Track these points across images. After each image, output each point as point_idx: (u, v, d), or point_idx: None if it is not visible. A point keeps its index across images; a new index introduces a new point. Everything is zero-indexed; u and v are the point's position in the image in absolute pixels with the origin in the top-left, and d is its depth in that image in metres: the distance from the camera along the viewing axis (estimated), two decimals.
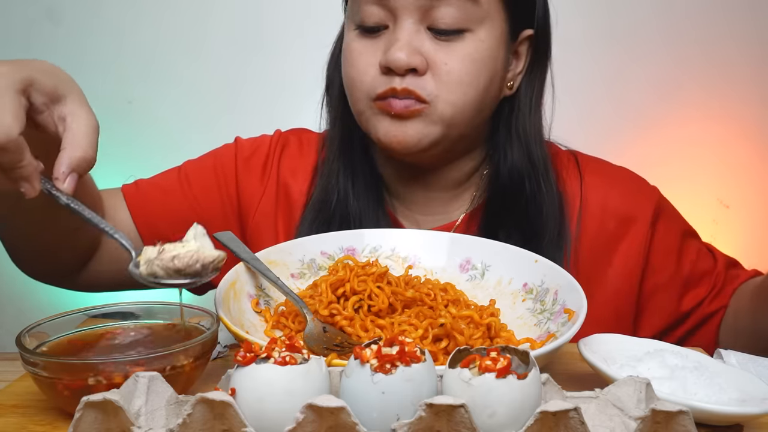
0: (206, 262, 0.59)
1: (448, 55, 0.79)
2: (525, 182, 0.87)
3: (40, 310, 0.89)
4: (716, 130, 1.76)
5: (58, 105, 0.59)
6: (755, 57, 1.74)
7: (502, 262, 0.76)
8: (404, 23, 0.79)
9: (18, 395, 0.59)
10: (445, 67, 0.79)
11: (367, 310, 0.68)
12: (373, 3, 0.80)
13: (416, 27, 0.79)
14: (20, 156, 0.55)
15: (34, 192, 0.58)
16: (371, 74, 0.81)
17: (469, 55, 0.80)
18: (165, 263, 0.58)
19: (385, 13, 0.80)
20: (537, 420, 0.44)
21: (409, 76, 0.79)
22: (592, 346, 0.61)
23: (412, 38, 0.79)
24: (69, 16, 1.69)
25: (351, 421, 0.43)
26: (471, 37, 0.80)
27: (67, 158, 0.58)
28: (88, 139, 0.59)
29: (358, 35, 0.83)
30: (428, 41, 0.79)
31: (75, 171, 0.58)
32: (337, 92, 0.91)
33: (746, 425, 0.55)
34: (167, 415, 0.48)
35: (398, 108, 0.79)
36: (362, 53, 0.82)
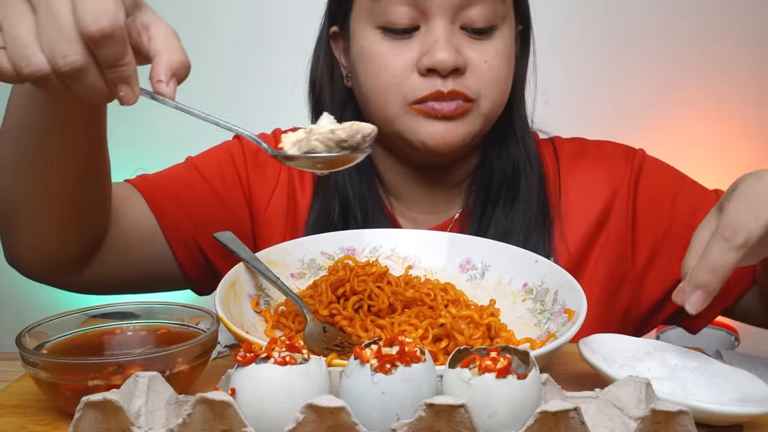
0: (365, 133, 0.56)
1: (486, 53, 0.81)
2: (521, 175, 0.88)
3: (40, 310, 0.88)
4: (716, 130, 1.76)
5: (140, 12, 0.55)
6: (754, 57, 1.74)
7: (502, 262, 0.76)
8: (438, 23, 0.78)
9: (18, 395, 0.59)
10: (485, 65, 0.80)
11: (367, 310, 0.68)
12: (403, 3, 0.79)
13: (450, 27, 0.79)
14: (124, 49, 0.50)
15: (134, 97, 0.53)
16: (409, 77, 0.80)
17: (502, 52, 0.82)
18: (325, 136, 0.55)
19: (416, 13, 0.79)
20: (537, 420, 0.44)
21: (452, 76, 0.79)
22: (592, 346, 0.61)
23: (451, 38, 0.79)
24: None
25: (351, 421, 0.43)
26: (499, 35, 0.82)
27: (167, 61, 0.53)
28: (181, 45, 0.55)
29: (383, 37, 0.81)
30: (463, 41, 0.80)
31: (175, 76, 0.54)
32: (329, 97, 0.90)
33: (746, 425, 0.55)
34: (167, 415, 0.48)
35: (448, 110, 0.79)
36: (395, 55, 0.80)
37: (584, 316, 0.62)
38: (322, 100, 0.92)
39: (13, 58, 0.49)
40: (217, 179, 0.92)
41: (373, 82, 0.83)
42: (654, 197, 0.89)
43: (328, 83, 0.91)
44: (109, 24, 0.48)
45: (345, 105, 0.91)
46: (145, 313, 0.65)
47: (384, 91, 0.82)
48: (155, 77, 0.53)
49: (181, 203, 0.89)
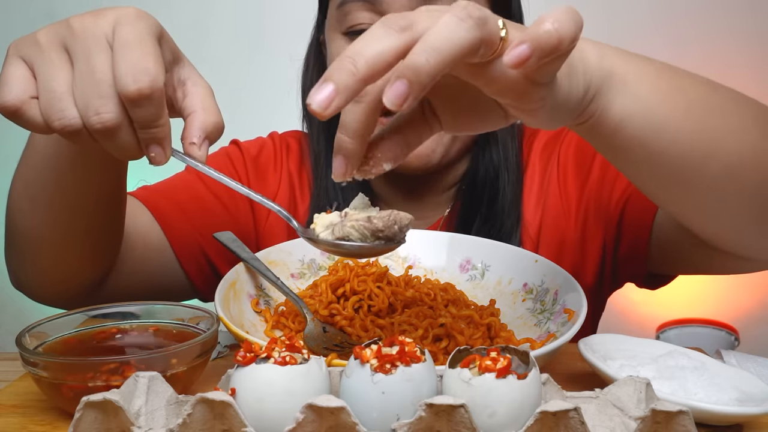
0: (403, 224, 0.53)
1: None
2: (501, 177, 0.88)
3: (40, 310, 0.88)
4: None
5: (178, 66, 0.53)
6: (754, 57, 1.74)
7: (502, 262, 0.76)
8: None
9: (18, 395, 0.59)
10: None
11: (367, 310, 0.68)
12: (363, 9, 0.78)
13: None
14: (161, 111, 0.49)
15: (165, 158, 0.51)
16: None
17: None
18: (360, 224, 0.52)
19: (377, 17, 0.78)
20: (537, 420, 0.44)
21: None
22: (592, 346, 0.61)
23: None
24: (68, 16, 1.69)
25: (351, 421, 0.43)
26: None
27: (201, 122, 0.52)
28: (216, 106, 0.53)
29: (347, 42, 0.81)
30: None
31: (208, 138, 0.52)
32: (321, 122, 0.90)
33: (746, 425, 0.55)
34: (167, 415, 0.48)
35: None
36: None
37: (584, 316, 0.62)
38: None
39: (45, 109, 0.48)
40: (220, 187, 0.91)
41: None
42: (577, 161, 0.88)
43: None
44: (148, 85, 0.46)
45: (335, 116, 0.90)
46: (145, 313, 0.65)
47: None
48: (188, 138, 0.52)
49: (186, 214, 0.88)
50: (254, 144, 0.98)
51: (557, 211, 0.88)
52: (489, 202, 0.87)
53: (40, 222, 0.70)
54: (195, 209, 0.89)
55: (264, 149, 0.97)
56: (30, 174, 0.69)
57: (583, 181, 0.87)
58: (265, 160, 0.96)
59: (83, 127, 0.48)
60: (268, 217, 0.92)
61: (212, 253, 0.89)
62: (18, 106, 0.48)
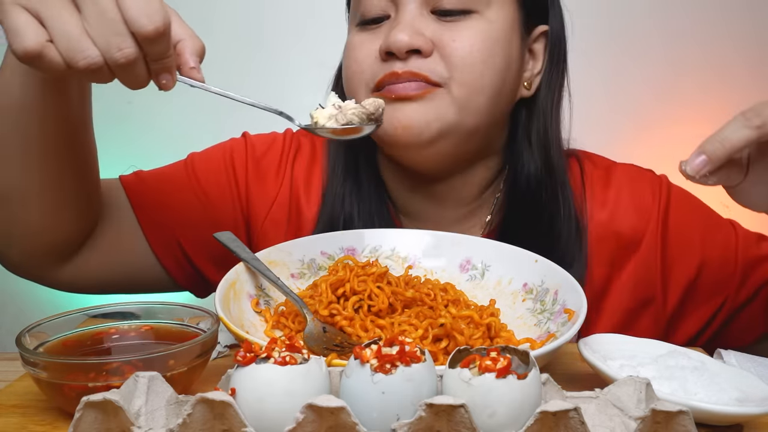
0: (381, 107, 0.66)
1: (457, 33, 0.75)
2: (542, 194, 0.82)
3: (40, 310, 0.88)
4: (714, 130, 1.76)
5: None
6: (753, 57, 1.74)
7: (502, 262, 0.76)
8: (406, 8, 0.76)
9: (18, 395, 0.59)
10: (453, 43, 0.74)
11: (367, 310, 0.68)
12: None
13: (419, 11, 0.76)
14: (169, 44, 0.55)
15: (173, 83, 0.58)
16: (370, 64, 0.77)
17: (481, 32, 0.75)
18: (359, 110, 0.65)
19: (386, 2, 0.77)
20: (537, 420, 0.44)
21: (412, 59, 0.74)
22: (592, 346, 0.61)
23: (415, 21, 0.75)
24: None
25: (351, 421, 0.43)
26: (479, 18, 0.76)
27: (192, 48, 0.58)
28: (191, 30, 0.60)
29: (359, 31, 0.80)
30: (433, 24, 0.76)
31: (199, 59, 0.59)
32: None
33: (746, 425, 0.55)
34: (167, 415, 0.48)
35: (404, 91, 0.74)
36: (362, 44, 0.78)
37: (584, 316, 0.62)
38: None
39: (66, 51, 0.52)
40: (212, 184, 0.89)
41: (344, 74, 0.82)
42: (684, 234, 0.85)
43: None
44: (162, 23, 0.52)
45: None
46: (145, 313, 0.65)
47: (350, 81, 0.80)
48: (187, 64, 0.58)
49: (166, 206, 0.87)
50: (263, 141, 0.94)
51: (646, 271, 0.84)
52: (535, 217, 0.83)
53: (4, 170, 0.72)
54: (178, 201, 0.87)
55: (271, 149, 0.93)
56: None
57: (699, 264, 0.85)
58: (269, 162, 0.92)
59: (104, 64, 0.53)
60: (264, 220, 0.90)
61: (190, 250, 0.87)
62: (39, 50, 0.52)
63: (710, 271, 0.85)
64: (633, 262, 0.85)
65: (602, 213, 0.86)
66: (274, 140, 0.94)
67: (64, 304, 0.91)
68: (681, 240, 0.85)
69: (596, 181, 0.88)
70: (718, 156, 0.59)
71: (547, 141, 0.83)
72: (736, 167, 0.64)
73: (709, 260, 0.85)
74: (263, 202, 0.90)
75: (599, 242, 0.85)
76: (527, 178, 0.83)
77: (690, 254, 0.85)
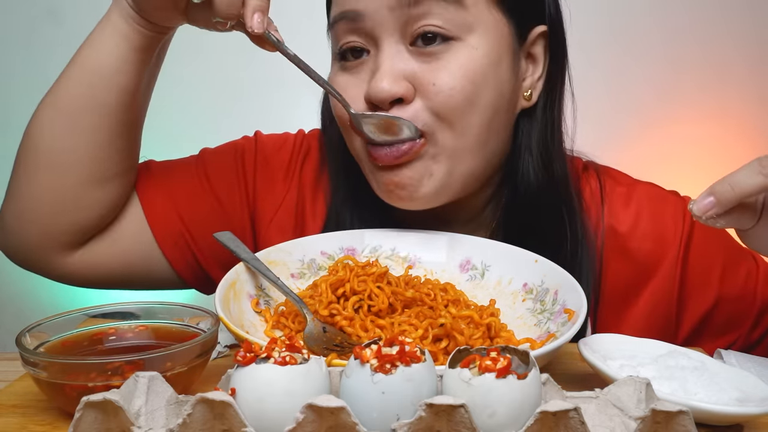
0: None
1: (437, 72, 0.70)
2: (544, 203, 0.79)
3: (40, 310, 0.88)
4: (715, 130, 1.76)
5: None
6: (753, 56, 1.74)
7: (502, 262, 0.76)
8: (384, 45, 0.71)
9: (18, 395, 0.59)
10: (433, 87, 0.69)
11: (367, 310, 0.68)
12: (347, 30, 0.73)
13: (397, 48, 0.71)
14: None
15: (262, 27, 0.67)
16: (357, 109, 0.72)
17: (462, 67, 0.70)
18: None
19: (362, 37, 0.72)
20: (537, 420, 0.44)
21: (395, 108, 0.70)
22: (592, 346, 0.61)
23: (395, 62, 0.70)
24: (70, 16, 1.69)
25: (351, 421, 0.43)
26: (460, 46, 0.70)
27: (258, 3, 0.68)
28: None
29: (339, 69, 0.76)
30: (413, 61, 0.70)
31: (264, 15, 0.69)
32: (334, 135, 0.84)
33: (746, 425, 0.55)
34: (167, 415, 0.48)
35: (384, 160, 0.72)
36: (346, 89, 0.74)
37: (584, 316, 0.62)
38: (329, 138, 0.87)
39: None
40: (221, 182, 0.88)
41: (338, 122, 0.77)
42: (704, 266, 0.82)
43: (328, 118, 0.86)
44: None
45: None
46: (145, 313, 0.65)
47: (343, 129, 0.77)
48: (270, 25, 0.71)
49: (173, 200, 0.86)
50: (274, 141, 0.91)
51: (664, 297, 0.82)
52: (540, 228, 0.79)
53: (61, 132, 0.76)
54: (184, 198, 0.86)
55: (282, 150, 0.90)
56: (63, 89, 0.76)
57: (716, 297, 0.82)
58: (278, 163, 0.89)
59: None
60: (269, 224, 0.88)
61: (197, 249, 0.87)
62: None
63: (726, 307, 0.82)
64: (650, 288, 0.82)
65: (620, 230, 0.83)
66: (285, 141, 0.92)
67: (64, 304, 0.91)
68: (700, 272, 0.82)
69: (616, 199, 0.84)
70: (727, 199, 0.58)
71: (550, 150, 0.79)
72: (749, 212, 0.61)
73: (727, 296, 0.82)
74: (270, 204, 0.89)
75: (615, 261, 0.82)
76: (527, 190, 0.79)
77: (708, 287, 0.82)
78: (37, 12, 1.69)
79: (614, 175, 0.88)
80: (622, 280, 0.82)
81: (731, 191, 0.57)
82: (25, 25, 1.70)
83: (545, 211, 0.79)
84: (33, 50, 1.81)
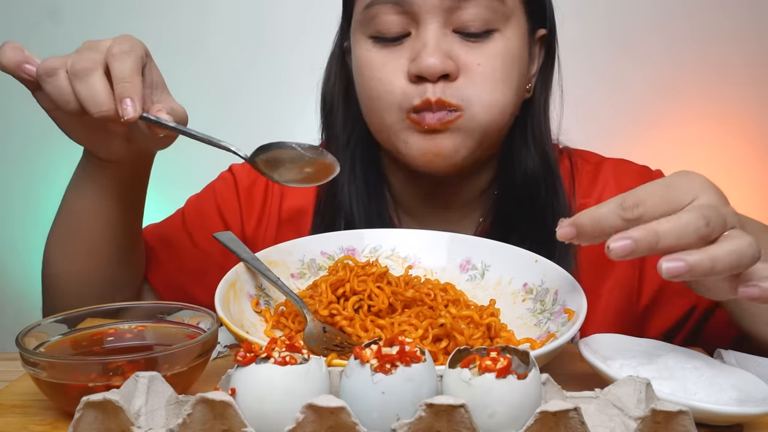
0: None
1: (481, 56, 0.77)
2: (541, 188, 0.84)
3: (40, 310, 0.88)
4: (715, 130, 1.76)
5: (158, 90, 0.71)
6: (754, 57, 1.74)
7: (502, 262, 0.76)
8: (429, 27, 0.76)
9: (18, 395, 0.59)
10: (479, 68, 0.76)
11: (367, 310, 0.68)
12: (391, 11, 0.77)
13: (442, 30, 0.76)
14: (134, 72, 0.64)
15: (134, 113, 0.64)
16: (400, 85, 0.77)
17: (501, 54, 0.77)
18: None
19: (406, 19, 0.77)
20: (537, 420, 0.44)
21: (441, 83, 0.76)
22: (592, 346, 0.61)
23: (441, 42, 0.76)
24: (69, 16, 1.69)
25: (351, 421, 0.43)
26: (499, 37, 0.78)
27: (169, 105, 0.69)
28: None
29: (374, 46, 0.79)
30: (457, 44, 0.77)
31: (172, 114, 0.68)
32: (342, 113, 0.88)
33: (746, 425, 0.55)
34: (167, 415, 0.48)
35: (432, 122, 0.76)
36: (386, 63, 0.78)
37: (584, 316, 0.62)
38: (333, 118, 0.90)
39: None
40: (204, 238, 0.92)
41: (367, 92, 0.81)
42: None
43: (341, 101, 0.89)
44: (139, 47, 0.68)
45: (355, 123, 0.88)
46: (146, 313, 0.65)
47: (377, 101, 0.80)
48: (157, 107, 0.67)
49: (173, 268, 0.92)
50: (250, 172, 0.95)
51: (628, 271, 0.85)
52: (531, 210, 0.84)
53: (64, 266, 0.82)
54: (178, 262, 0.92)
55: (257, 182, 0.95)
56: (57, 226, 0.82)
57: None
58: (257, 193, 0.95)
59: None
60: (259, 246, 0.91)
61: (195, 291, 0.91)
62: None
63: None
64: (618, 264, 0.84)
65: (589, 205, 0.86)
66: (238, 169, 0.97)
67: None
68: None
69: (585, 176, 0.90)
70: (585, 231, 0.57)
71: (543, 138, 0.86)
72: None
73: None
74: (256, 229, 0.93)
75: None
76: (524, 175, 0.85)
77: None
78: (37, 12, 1.69)
79: (584, 155, 0.94)
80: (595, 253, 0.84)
81: (590, 223, 0.57)
82: (25, 24, 1.70)
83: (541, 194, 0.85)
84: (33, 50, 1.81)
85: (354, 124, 0.88)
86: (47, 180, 1.80)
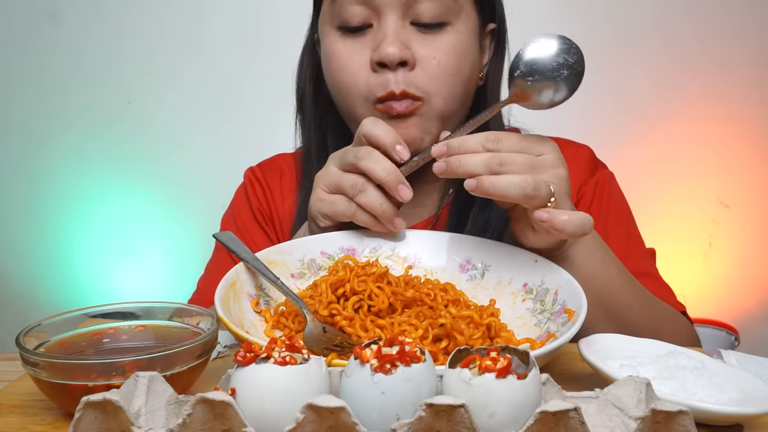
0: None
1: (436, 49, 0.83)
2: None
3: (40, 310, 0.88)
4: (716, 130, 1.76)
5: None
6: (755, 57, 1.74)
7: (502, 262, 0.76)
8: (389, 19, 0.82)
9: (18, 395, 0.59)
10: (433, 61, 0.83)
11: (367, 310, 0.68)
12: (355, 2, 0.83)
13: (401, 22, 0.82)
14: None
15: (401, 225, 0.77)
16: (364, 75, 0.83)
17: (453, 47, 0.84)
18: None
19: (368, 11, 0.83)
20: (537, 420, 0.44)
21: (400, 70, 0.82)
22: (592, 346, 0.61)
23: (399, 33, 0.82)
24: (69, 16, 1.69)
25: (351, 421, 0.43)
26: (451, 30, 0.84)
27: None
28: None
29: (340, 37, 0.85)
30: (413, 36, 0.83)
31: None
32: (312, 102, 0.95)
33: (746, 425, 0.55)
34: (167, 415, 0.48)
35: (400, 109, 0.82)
36: (351, 54, 0.84)
37: (584, 316, 0.62)
38: (306, 101, 0.96)
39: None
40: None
41: (335, 83, 0.87)
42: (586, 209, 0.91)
43: (311, 89, 0.95)
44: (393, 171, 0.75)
45: (326, 111, 0.95)
46: (145, 313, 0.65)
47: (346, 91, 0.86)
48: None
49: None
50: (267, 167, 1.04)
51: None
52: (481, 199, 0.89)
53: None
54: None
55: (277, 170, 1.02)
56: None
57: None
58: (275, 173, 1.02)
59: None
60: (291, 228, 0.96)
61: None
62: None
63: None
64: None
65: None
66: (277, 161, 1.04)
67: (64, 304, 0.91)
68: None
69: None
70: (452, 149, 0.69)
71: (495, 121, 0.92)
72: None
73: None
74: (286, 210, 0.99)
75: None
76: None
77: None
78: (36, 13, 1.69)
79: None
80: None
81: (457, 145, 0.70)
82: (25, 25, 1.70)
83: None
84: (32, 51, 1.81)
85: (325, 108, 0.95)
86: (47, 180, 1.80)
